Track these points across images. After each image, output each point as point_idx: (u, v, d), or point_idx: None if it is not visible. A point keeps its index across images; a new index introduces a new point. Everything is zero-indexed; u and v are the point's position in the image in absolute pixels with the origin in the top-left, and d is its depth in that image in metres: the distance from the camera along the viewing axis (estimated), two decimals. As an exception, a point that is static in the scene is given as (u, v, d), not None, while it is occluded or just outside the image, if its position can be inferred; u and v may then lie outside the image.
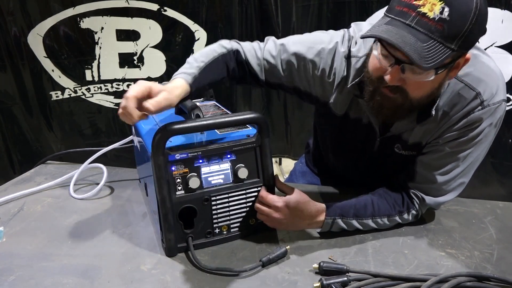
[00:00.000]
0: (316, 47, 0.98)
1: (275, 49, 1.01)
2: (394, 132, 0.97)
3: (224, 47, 1.01)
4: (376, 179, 1.05)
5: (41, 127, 2.15)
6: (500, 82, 0.88)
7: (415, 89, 0.82)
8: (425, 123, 0.92)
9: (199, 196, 0.91)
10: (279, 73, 1.01)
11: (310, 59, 0.98)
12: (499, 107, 0.88)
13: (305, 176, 1.36)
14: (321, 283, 0.81)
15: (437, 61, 0.73)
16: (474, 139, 0.90)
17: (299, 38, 1.02)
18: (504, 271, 0.86)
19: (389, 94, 0.84)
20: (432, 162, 0.95)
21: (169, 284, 0.83)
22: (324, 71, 0.98)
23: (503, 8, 1.71)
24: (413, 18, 0.74)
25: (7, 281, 0.84)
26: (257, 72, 1.02)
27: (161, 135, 0.84)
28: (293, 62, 0.99)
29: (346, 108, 1.00)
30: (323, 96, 1.01)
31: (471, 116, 0.88)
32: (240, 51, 1.02)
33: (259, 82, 1.03)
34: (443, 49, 0.74)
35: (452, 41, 0.74)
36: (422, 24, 0.73)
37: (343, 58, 0.96)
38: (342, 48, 0.97)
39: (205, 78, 0.94)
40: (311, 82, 1.00)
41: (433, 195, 0.97)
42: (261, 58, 1.02)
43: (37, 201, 1.15)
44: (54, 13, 1.94)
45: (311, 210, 0.93)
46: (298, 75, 1.00)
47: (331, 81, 0.99)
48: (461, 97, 0.88)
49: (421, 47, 0.73)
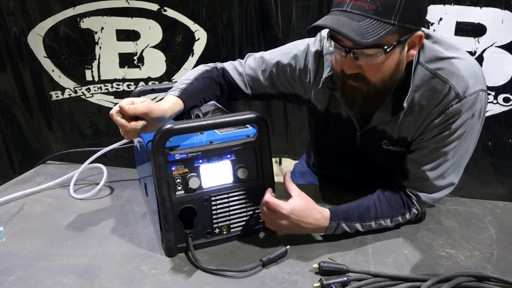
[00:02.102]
0: (290, 52, 1.06)
1: (254, 62, 1.10)
2: (373, 125, 0.99)
3: (206, 66, 1.09)
4: (372, 178, 1.05)
5: (41, 127, 2.15)
6: (476, 74, 0.90)
7: (373, 73, 0.86)
8: (402, 116, 0.94)
9: (199, 196, 0.91)
10: (262, 84, 1.09)
11: (287, 63, 1.06)
12: (477, 97, 0.89)
13: (304, 177, 1.36)
14: (321, 283, 0.81)
15: (376, 36, 0.77)
16: (457, 133, 0.91)
17: (276, 49, 1.10)
18: (504, 271, 0.86)
19: (354, 84, 0.88)
20: (421, 159, 0.96)
21: (169, 284, 0.83)
22: (301, 71, 1.05)
23: (503, 8, 1.72)
24: (348, 4, 0.80)
25: (7, 281, 0.84)
26: (242, 88, 1.10)
27: (161, 135, 0.84)
28: (273, 70, 1.07)
29: (326, 103, 1.05)
30: (305, 94, 1.08)
31: (449, 110, 0.89)
32: (226, 70, 1.10)
33: (247, 96, 1.11)
34: (381, 25, 0.78)
35: (389, 17, 0.78)
36: (356, 7, 0.79)
37: (315, 57, 1.03)
38: (313, 48, 1.04)
39: (194, 90, 1.00)
40: (293, 84, 1.08)
41: (428, 192, 0.97)
42: (243, 73, 1.09)
43: (37, 201, 1.15)
44: (54, 13, 1.94)
45: (316, 216, 0.92)
46: (279, 81, 1.08)
47: (308, 81, 1.05)
48: (435, 90, 0.90)
49: (357, 26, 0.78)
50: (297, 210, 0.90)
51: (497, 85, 1.81)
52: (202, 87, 1.02)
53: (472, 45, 1.80)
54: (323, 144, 1.16)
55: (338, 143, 1.09)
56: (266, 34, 2.08)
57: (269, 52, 1.10)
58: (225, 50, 2.07)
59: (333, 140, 1.10)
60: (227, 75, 1.09)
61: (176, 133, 0.85)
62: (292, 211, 0.90)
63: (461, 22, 1.80)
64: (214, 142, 0.91)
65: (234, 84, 1.09)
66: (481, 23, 1.77)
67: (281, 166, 2.63)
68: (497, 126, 1.89)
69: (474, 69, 0.90)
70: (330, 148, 1.14)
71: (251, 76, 1.09)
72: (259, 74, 1.08)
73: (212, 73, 1.06)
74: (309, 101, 1.07)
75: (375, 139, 1.01)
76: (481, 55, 1.80)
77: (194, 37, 2.06)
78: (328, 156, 1.19)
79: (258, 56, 1.10)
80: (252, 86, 1.10)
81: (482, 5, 1.74)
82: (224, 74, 1.09)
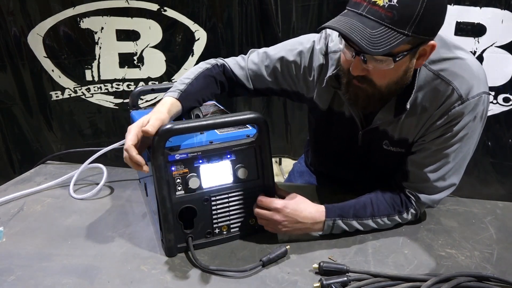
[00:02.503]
0: (295, 48, 1.04)
1: (257, 57, 1.08)
2: (375, 125, 0.98)
3: (208, 63, 1.07)
4: (372, 178, 1.06)
5: (41, 127, 2.15)
6: (479, 76, 0.89)
7: (380, 78, 0.85)
8: (404, 117, 0.94)
9: (199, 196, 0.91)
10: (265, 78, 1.07)
11: (292, 60, 1.04)
12: (480, 99, 0.89)
13: (303, 176, 1.37)
14: (321, 283, 0.81)
15: (387, 46, 0.76)
16: (459, 135, 0.91)
17: (280, 44, 1.09)
18: (504, 271, 0.86)
19: (358, 85, 0.88)
20: (422, 161, 0.95)
21: (169, 284, 0.83)
22: (306, 69, 1.04)
23: (503, 8, 1.72)
24: (365, 7, 0.78)
25: (7, 281, 0.84)
26: (244, 82, 1.08)
27: (161, 135, 0.84)
28: (277, 66, 1.05)
29: (329, 102, 1.04)
30: (308, 93, 1.06)
31: (452, 112, 0.89)
32: (226, 65, 1.08)
33: (248, 91, 1.09)
34: (395, 35, 0.76)
35: (404, 27, 0.76)
36: (372, 12, 0.77)
37: (321, 55, 1.02)
38: (318, 45, 1.02)
39: (193, 91, 0.98)
40: (296, 81, 1.06)
41: (428, 193, 0.97)
42: (245, 68, 1.08)
43: (37, 201, 1.15)
44: (54, 13, 1.94)
45: (311, 210, 0.93)
46: (283, 77, 1.06)
47: (312, 79, 1.04)
48: (438, 92, 0.90)
49: (370, 34, 0.76)
50: (291, 203, 0.92)
51: (497, 85, 1.81)
52: (202, 87, 1.01)
53: (472, 45, 1.80)
54: (323, 143, 1.16)
55: (339, 142, 1.09)
56: (266, 34, 2.07)
57: (273, 47, 1.08)
58: (225, 50, 2.06)
59: (334, 139, 1.10)
60: (228, 71, 1.07)
61: (176, 133, 0.85)
62: (286, 204, 0.92)
63: (461, 22, 1.80)
64: (214, 142, 0.91)
65: (235, 78, 1.07)
66: (481, 23, 1.77)
67: (281, 166, 2.63)
68: (497, 126, 1.89)
69: (477, 71, 0.90)
70: (330, 148, 1.14)
71: (253, 71, 1.07)
72: (262, 69, 1.06)
73: (212, 71, 1.05)
74: (311, 100, 1.07)
75: (376, 139, 1.01)
76: (481, 55, 1.80)
77: (194, 37, 2.06)
78: (328, 155, 1.18)
79: (262, 51, 1.08)
80: (254, 81, 1.08)
81: (482, 5, 1.74)
82: (225, 70, 1.07)
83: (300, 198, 0.95)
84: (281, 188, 0.99)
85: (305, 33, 1.09)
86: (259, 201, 0.93)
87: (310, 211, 0.93)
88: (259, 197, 0.93)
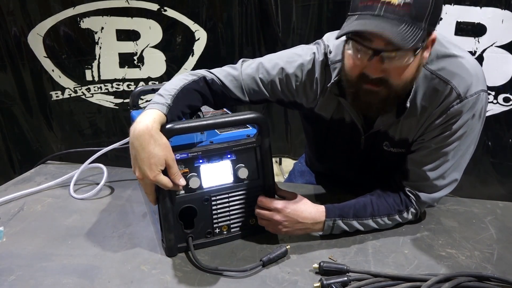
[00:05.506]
0: (295, 61, 1.00)
1: (251, 69, 1.02)
2: (377, 128, 0.98)
3: (193, 75, 0.99)
4: (372, 179, 1.05)
5: (41, 127, 2.15)
6: (477, 74, 0.89)
7: (398, 76, 0.83)
8: (405, 117, 0.93)
9: (199, 196, 0.91)
10: (262, 91, 1.02)
11: (292, 73, 1.00)
12: (478, 97, 0.89)
13: (304, 176, 1.37)
14: (321, 283, 0.81)
15: (414, 41, 0.77)
16: (457, 133, 0.91)
17: (274, 55, 1.04)
18: (504, 271, 0.86)
19: (373, 89, 0.85)
20: (421, 159, 0.96)
21: (169, 284, 0.83)
22: (307, 82, 1.01)
23: (503, 8, 1.72)
24: (380, 8, 0.77)
25: (7, 281, 0.84)
26: (238, 96, 1.02)
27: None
28: (274, 78, 1.01)
29: (333, 111, 1.02)
30: (307, 104, 1.04)
31: (450, 110, 0.89)
32: (215, 79, 1.00)
33: (243, 103, 1.04)
34: (416, 29, 0.77)
35: (421, 20, 0.77)
36: (390, 11, 0.77)
37: (322, 67, 0.99)
38: (320, 57, 0.99)
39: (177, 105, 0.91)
40: (295, 94, 1.03)
41: (428, 192, 0.97)
42: (240, 80, 1.02)
43: (37, 201, 1.15)
44: (54, 13, 1.94)
45: (311, 210, 0.93)
46: (281, 90, 1.02)
47: (315, 90, 1.01)
48: (437, 91, 0.90)
49: (398, 31, 0.76)
50: (291, 203, 0.92)
51: (497, 85, 1.81)
52: (187, 103, 0.94)
53: (472, 45, 1.80)
54: (324, 149, 1.15)
55: (340, 148, 1.08)
56: (266, 34, 2.08)
57: (267, 59, 1.03)
58: (225, 50, 2.06)
59: (335, 145, 1.09)
60: (217, 84, 1.00)
61: (176, 133, 0.85)
62: (286, 204, 0.92)
63: (461, 22, 1.80)
64: (215, 142, 0.91)
65: (226, 92, 1.01)
66: (481, 23, 1.77)
67: (281, 166, 2.63)
68: (497, 126, 1.89)
69: (475, 69, 0.90)
70: (331, 153, 1.13)
71: (249, 84, 1.02)
72: (258, 82, 1.01)
73: (198, 83, 0.98)
74: (311, 110, 1.04)
75: (377, 141, 1.01)
76: (481, 55, 1.80)
77: (194, 37, 2.06)
78: (328, 160, 1.18)
79: (256, 62, 1.03)
80: (250, 94, 1.02)
81: (482, 5, 1.74)
82: (213, 83, 1.00)
83: (300, 198, 0.95)
84: (281, 188, 0.99)
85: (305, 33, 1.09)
86: (260, 201, 0.93)
87: (310, 211, 0.93)
88: (259, 197, 0.94)
